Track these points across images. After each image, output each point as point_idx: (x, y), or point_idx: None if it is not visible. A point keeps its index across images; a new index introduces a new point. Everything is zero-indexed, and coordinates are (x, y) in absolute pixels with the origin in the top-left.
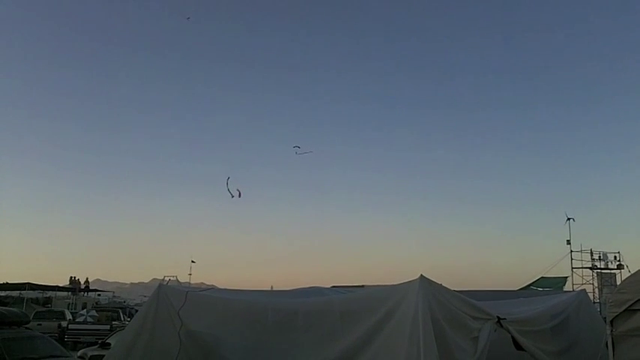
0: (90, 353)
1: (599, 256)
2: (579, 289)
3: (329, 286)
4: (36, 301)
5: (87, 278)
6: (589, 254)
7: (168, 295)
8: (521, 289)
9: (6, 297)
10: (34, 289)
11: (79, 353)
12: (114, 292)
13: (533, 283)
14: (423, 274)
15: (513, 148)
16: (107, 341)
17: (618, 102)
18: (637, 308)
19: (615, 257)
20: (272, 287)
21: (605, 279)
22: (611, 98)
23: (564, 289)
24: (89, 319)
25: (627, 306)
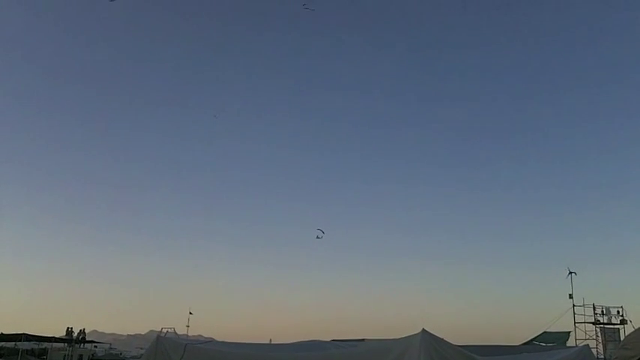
0: None
1: (602, 311)
2: (582, 344)
3: (329, 339)
4: (31, 352)
5: (83, 329)
6: (592, 309)
7: (166, 347)
8: (524, 343)
9: (1, 348)
10: (29, 340)
11: None
12: (110, 344)
13: (536, 337)
14: (425, 328)
15: (515, 202)
16: None
17: (619, 160)
18: None
19: (618, 312)
20: (271, 340)
21: (609, 334)
22: (614, 154)
23: (567, 344)
24: None
25: None
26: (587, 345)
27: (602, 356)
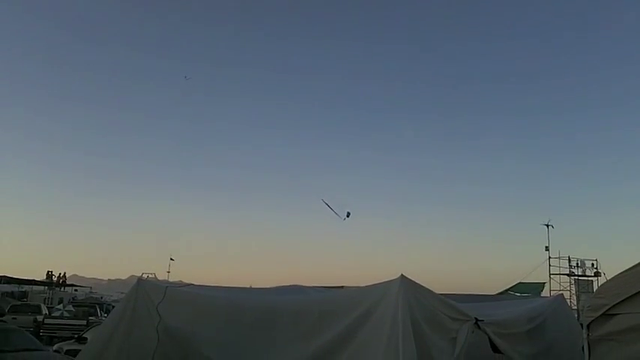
0: (66, 347)
1: (577, 263)
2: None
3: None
4: (11, 294)
5: (64, 273)
6: (567, 261)
7: (147, 290)
8: (499, 293)
9: None
10: (9, 283)
11: (55, 347)
12: (91, 288)
13: (511, 288)
14: (404, 274)
15: (493, 154)
16: (84, 336)
17: (601, 112)
18: (613, 313)
19: (593, 264)
20: (251, 286)
21: (583, 286)
22: (595, 108)
23: (542, 295)
24: (65, 314)
25: (603, 311)
26: (562, 294)
27: (575, 307)
